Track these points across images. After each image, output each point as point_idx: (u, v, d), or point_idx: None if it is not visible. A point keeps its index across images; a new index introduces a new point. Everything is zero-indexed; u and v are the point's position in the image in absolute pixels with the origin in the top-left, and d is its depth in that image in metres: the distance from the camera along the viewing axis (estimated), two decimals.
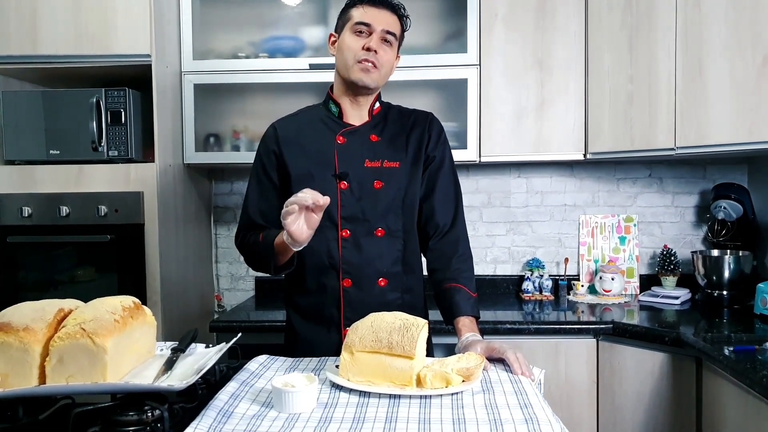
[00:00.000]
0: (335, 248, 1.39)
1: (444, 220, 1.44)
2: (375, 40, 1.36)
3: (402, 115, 1.50)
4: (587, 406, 1.99)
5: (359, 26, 1.37)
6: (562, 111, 2.25)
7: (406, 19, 1.44)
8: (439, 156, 1.46)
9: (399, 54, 1.46)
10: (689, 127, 2.00)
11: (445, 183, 1.46)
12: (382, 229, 1.40)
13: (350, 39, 1.38)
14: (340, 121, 1.45)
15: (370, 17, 1.37)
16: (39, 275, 2.08)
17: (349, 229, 1.39)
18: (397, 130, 1.46)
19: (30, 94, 2.12)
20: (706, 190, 2.51)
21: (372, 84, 1.39)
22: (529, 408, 0.96)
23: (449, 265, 1.40)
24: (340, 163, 1.40)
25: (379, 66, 1.37)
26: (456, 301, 1.35)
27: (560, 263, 2.57)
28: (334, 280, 1.40)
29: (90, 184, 2.04)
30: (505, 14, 2.25)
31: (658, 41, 2.06)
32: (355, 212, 1.39)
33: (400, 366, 1.04)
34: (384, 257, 1.40)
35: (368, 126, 1.45)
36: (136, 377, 1.03)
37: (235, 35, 2.36)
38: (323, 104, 1.49)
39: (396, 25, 1.41)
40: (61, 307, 1.03)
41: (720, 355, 1.58)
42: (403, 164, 1.43)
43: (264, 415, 0.95)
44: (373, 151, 1.42)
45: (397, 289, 1.43)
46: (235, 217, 2.66)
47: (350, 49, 1.37)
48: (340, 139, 1.42)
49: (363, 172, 1.40)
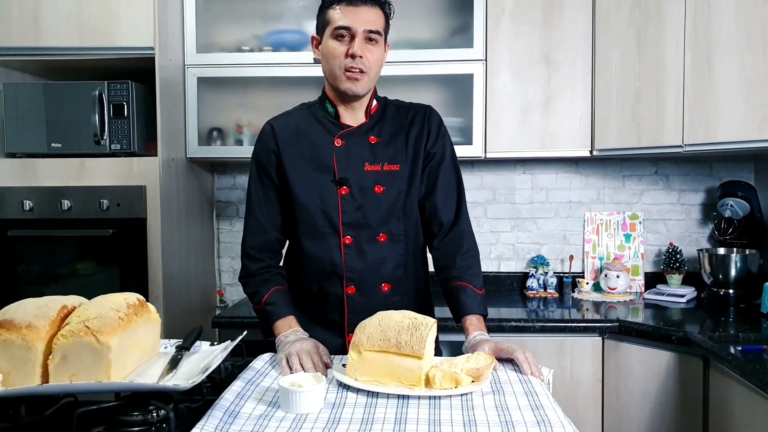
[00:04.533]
0: (338, 255, 1.36)
1: (447, 217, 1.41)
2: (358, 44, 1.29)
3: (400, 110, 1.44)
4: (592, 405, 1.98)
5: (339, 31, 1.29)
6: (569, 107, 2.23)
7: (388, 6, 1.35)
8: (439, 152, 1.42)
9: (388, 42, 1.39)
10: (698, 124, 1.97)
11: (446, 179, 1.42)
12: (385, 234, 1.37)
13: (333, 45, 1.31)
14: (337, 121, 1.39)
15: (350, 20, 1.29)
16: (40, 269, 2.06)
17: (351, 236, 1.36)
18: (396, 128, 1.41)
19: (32, 87, 2.09)
20: (712, 188, 2.49)
21: (362, 92, 1.34)
22: (540, 409, 0.95)
23: (454, 263, 1.37)
24: (339, 168, 1.36)
25: (367, 70, 1.31)
26: (462, 300, 1.33)
27: (565, 260, 2.55)
28: (337, 287, 1.37)
29: (92, 177, 2.02)
30: (512, 9, 2.22)
31: (666, 37, 2.04)
32: (357, 218, 1.36)
33: (408, 366, 1.02)
34: (387, 262, 1.38)
35: (366, 127, 1.40)
36: (140, 376, 1.01)
37: (239, 28, 2.34)
38: (319, 102, 1.43)
39: (379, 20, 1.32)
40: (65, 304, 1.02)
41: (728, 354, 1.57)
42: (404, 166, 1.39)
43: (271, 416, 0.94)
44: (373, 154, 1.38)
45: (400, 293, 1.41)
46: (238, 212, 2.64)
47: (334, 56, 1.31)
48: (338, 141, 1.37)
49: (363, 177, 1.36)
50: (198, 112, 2.27)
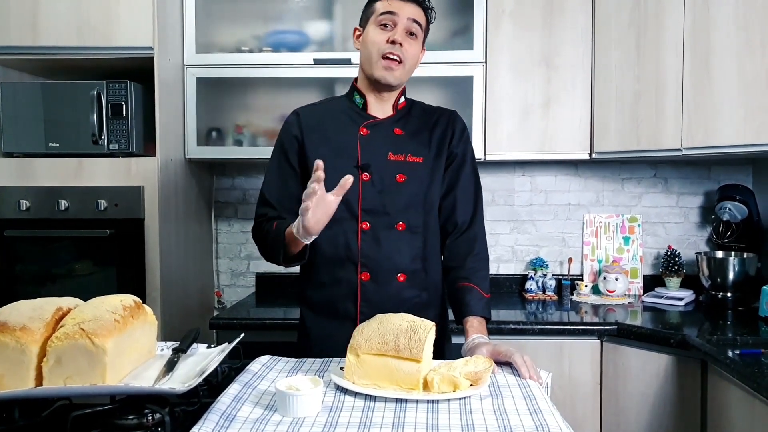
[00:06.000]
0: (354, 240, 1.36)
1: (463, 218, 1.43)
2: (400, 32, 1.35)
3: (426, 111, 1.49)
4: (591, 408, 1.98)
5: (383, 17, 1.35)
6: (569, 109, 2.23)
7: (431, 12, 1.42)
8: (461, 153, 1.45)
9: (424, 47, 1.44)
10: (696, 127, 1.97)
11: (466, 181, 1.45)
12: (403, 224, 1.38)
13: (374, 32, 1.36)
14: (364, 112, 1.43)
15: (395, 7, 1.35)
16: (37, 269, 2.05)
17: (369, 222, 1.37)
18: (420, 125, 1.45)
19: (29, 86, 2.09)
20: (710, 191, 2.49)
21: (395, 82, 1.38)
22: (539, 414, 0.94)
23: (464, 263, 1.38)
24: (363, 155, 1.38)
25: (404, 60, 1.36)
26: (467, 301, 1.33)
27: (564, 263, 2.55)
28: (351, 273, 1.37)
29: (90, 177, 2.01)
30: (512, 10, 2.22)
31: (666, 40, 2.04)
32: (376, 205, 1.37)
33: (407, 369, 1.02)
34: (403, 252, 1.38)
35: (392, 119, 1.44)
36: (136, 379, 1.01)
37: (238, 29, 2.33)
38: (347, 96, 1.48)
39: (421, 16, 1.39)
40: (60, 306, 1.01)
41: (726, 358, 1.56)
42: (427, 160, 1.41)
43: (268, 419, 0.93)
44: (397, 145, 1.40)
45: (416, 287, 1.40)
46: (237, 213, 2.63)
47: (374, 42, 1.36)
48: (363, 130, 1.41)
49: (386, 165, 1.38)
50: (197, 112, 2.26)
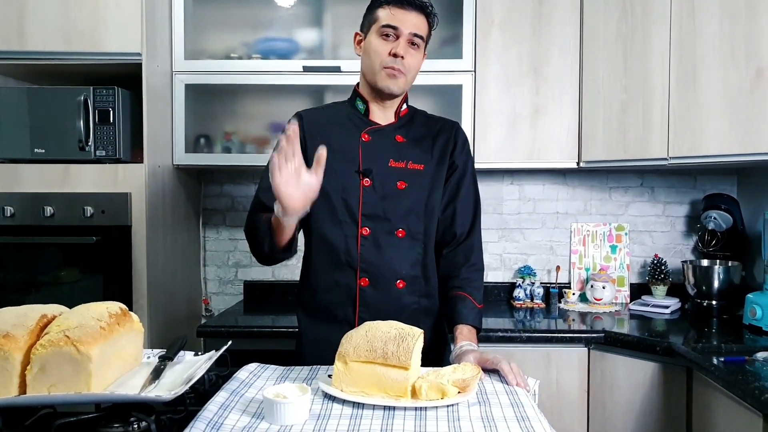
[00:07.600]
0: (354, 245, 1.37)
1: (461, 229, 1.44)
2: (402, 45, 1.34)
3: (429, 119, 1.50)
4: (578, 416, 1.98)
5: (386, 29, 1.35)
6: (557, 119, 2.25)
7: (434, 18, 1.41)
8: (462, 165, 1.46)
9: (426, 52, 1.44)
10: (683, 137, 2.00)
11: (466, 192, 1.46)
12: (403, 230, 1.38)
13: (376, 42, 1.36)
14: (366, 118, 1.44)
15: (398, 20, 1.34)
16: (22, 277, 2.02)
17: (369, 227, 1.37)
18: (423, 133, 1.45)
19: (15, 91, 2.07)
20: (696, 200, 2.52)
21: (398, 90, 1.39)
22: (526, 421, 0.95)
23: (459, 273, 1.39)
24: (365, 161, 1.39)
25: (406, 72, 1.37)
26: (459, 309, 1.34)
27: (551, 271, 2.56)
28: (350, 278, 1.37)
29: (76, 184, 1.99)
30: (501, 20, 2.24)
31: (652, 51, 2.07)
32: (377, 210, 1.37)
33: (394, 377, 1.02)
34: (403, 259, 1.38)
35: (394, 126, 1.44)
36: (121, 387, 0.99)
37: (228, 35, 2.33)
38: (349, 101, 1.48)
39: (423, 26, 1.38)
40: (44, 313, 1.00)
41: (711, 365, 1.58)
42: (428, 167, 1.42)
43: (255, 427, 0.92)
44: (398, 152, 1.41)
45: (415, 293, 1.40)
46: (225, 220, 2.62)
47: (377, 53, 1.36)
48: (365, 136, 1.41)
49: (387, 172, 1.39)
50: (185, 119, 2.25)
